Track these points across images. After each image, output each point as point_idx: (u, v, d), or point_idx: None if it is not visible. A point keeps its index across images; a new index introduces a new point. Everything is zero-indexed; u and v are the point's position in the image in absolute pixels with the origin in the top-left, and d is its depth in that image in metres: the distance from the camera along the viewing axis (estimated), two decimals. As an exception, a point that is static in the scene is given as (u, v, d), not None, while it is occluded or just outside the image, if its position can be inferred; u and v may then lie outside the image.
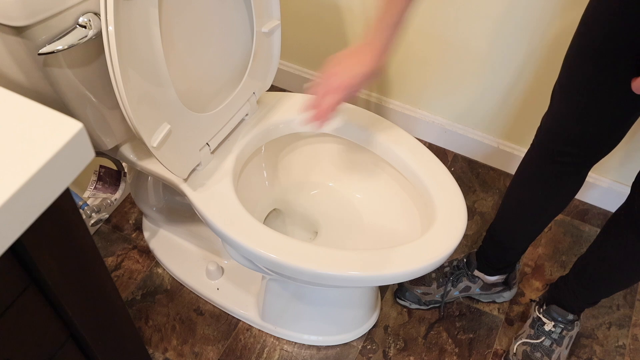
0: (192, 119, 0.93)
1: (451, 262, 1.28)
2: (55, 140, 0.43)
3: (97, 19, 0.77)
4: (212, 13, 0.92)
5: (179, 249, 1.34)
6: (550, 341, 1.17)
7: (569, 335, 1.18)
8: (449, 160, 1.61)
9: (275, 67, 1.10)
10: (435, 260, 0.89)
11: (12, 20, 0.70)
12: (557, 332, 1.16)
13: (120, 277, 1.33)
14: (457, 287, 1.26)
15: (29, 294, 0.51)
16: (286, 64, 1.71)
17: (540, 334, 1.17)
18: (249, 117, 1.08)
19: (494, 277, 1.25)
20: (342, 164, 1.18)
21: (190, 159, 0.96)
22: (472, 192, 1.53)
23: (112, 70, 0.74)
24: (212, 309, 1.29)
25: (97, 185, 1.09)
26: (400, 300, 1.30)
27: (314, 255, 0.89)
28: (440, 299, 1.27)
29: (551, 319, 1.17)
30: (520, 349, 1.18)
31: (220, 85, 1.01)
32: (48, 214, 0.46)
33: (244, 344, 1.24)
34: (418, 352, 1.24)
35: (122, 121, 0.95)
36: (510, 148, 1.52)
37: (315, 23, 1.54)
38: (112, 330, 0.67)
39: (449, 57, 1.41)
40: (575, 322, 1.18)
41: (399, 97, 1.59)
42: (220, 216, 0.93)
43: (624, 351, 1.26)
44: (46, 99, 0.83)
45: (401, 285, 1.29)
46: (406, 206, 1.09)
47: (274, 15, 1.03)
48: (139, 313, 1.27)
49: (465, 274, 1.25)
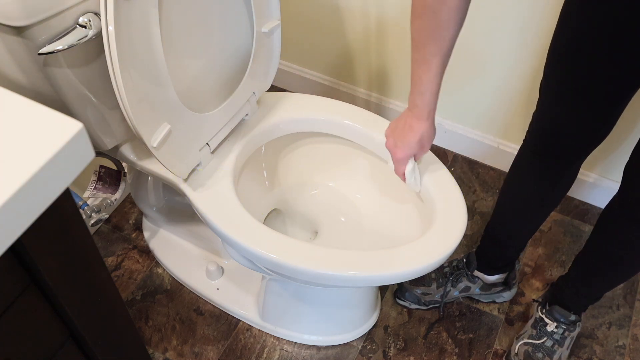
0: (192, 119, 0.93)
1: (451, 262, 1.28)
2: (55, 140, 0.43)
3: (97, 19, 0.77)
4: (212, 13, 0.92)
5: (179, 249, 1.34)
6: (552, 342, 1.17)
7: (571, 335, 1.18)
8: (449, 160, 1.61)
9: (275, 67, 1.10)
10: (435, 260, 0.89)
11: (12, 20, 0.70)
12: (560, 332, 1.16)
13: (120, 277, 1.33)
14: (456, 287, 1.26)
15: (29, 294, 0.51)
16: (286, 64, 1.71)
17: (542, 335, 1.17)
18: (249, 117, 1.08)
19: (493, 276, 1.25)
20: (342, 164, 1.18)
21: (190, 159, 0.96)
22: (472, 192, 1.53)
23: (112, 70, 0.74)
24: (212, 309, 1.29)
25: (97, 185, 1.09)
26: (400, 301, 1.30)
27: (314, 255, 0.89)
28: (440, 299, 1.27)
29: (554, 320, 1.17)
30: (522, 349, 1.18)
31: (220, 85, 1.01)
32: (48, 214, 0.46)
33: (244, 344, 1.24)
34: (418, 352, 1.24)
35: (122, 121, 0.95)
36: (510, 148, 1.52)
37: (316, 23, 1.54)
38: (112, 330, 0.67)
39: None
40: (577, 323, 1.18)
41: (399, 97, 1.59)
42: (220, 216, 0.93)
43: (624, 351, 1.26)
44: (46, 99, 0.83)
45: (401, 286, 1.30)
46: (406, 206, 1.09)
47: (274, 15, 1.03)
48: (139, 313, 1.27)
49: (465, 274, 1.25)
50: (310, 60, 1.66)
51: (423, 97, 0.85)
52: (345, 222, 1.16)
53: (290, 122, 1.10)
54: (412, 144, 0.91)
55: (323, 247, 0.91)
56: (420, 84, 0.84)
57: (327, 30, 1.54)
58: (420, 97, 0.85)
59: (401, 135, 0.91)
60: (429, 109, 0.87)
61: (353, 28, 1.49)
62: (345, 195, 1.18)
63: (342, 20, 1.49)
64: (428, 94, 0.85)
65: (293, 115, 1.10)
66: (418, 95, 0.85)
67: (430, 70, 0.82)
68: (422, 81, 0.83)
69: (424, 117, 0.88)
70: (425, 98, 0.85)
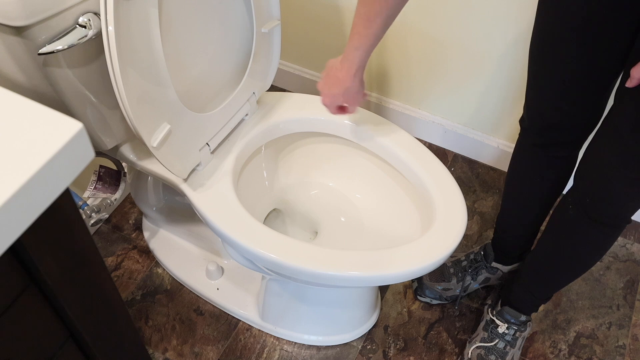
0: (192, 119, 0.93)
1: (467, 255, 1.28)
2: (55, 140, 0.43)
3: (97, 19, 0.77)
4: (212, 13, 0.92)
5: (179, 249, 1.34)
6: (504, 343, 1.16)
7: (522, 336, 1.18)
8: (449, 160, 1.61)
9: (275, 67, 1.10)
10: (435, 260, 0.89)
11: (12, 20, 0.70)
12: (511, 333, 1.16)
13: (120, 277, 1.33)
14: (477, 279, 1.26)
15: (29, 294, 0.51)
16: (286, 64, 1.71)
17: (494, 337, 1.17)
18: (249, 117, 1.08)
19: (511, 266, 1.25)
20: (342, 164, 1.18)
21: (190, 159, 0.96)
22: (472, 192, 1.53)
23: (112, 70, 0.74)
24: (212, 309, 1.29)
25: (97, 185, 1.09)
26: (421, 297, 1.30)
27: (314, 255, 0.89)
28: (461, 292, 1.28)
29: (504, 321, 1.16)
30: (474, 353, 1.18)
31: (220, 85, 1.01)
32: (48, 214, 0.46)
33: (244, 344, 1.24)
34: (418, 352, 1.24)
35: (122, 121, 0.95)
36: (510, 148, 1.52)
37: (315, 23, 1.54)
38: (112, 330, 0.67)
39: (449, 58, 1.41)
40: (528, 323, 1.18)
41: (399, 97, 1.59)
42: (220, 216, 0.93)
43: (624, 351, 1.26)
44: (46, 99, 0.83)
45: (421, 283, 1.29)
46: (406, 206, 1.09)
47: (274, 15, 1.03)
48: (139, 313, 1.27)
49: (484, 266, 1.25)
50: (310, 60, 1.66)
51: (356, 52, 0.86)
52: (345, 222, 1.16)
53: (290, 122, 1.10)
54: (337, 95, 0.93)
55: (323, 247, 0.91)
56: (357, 39, 0.85)
57: (327, 30, 1.54)
58: (353, 52, 0.87)
59: (328, 83, 0.93)
60: (358, 65, 0.88)
61: (353, 28, 1.49)
62: (345, 195, 1.18)
63: (343, 20, 1.49)
64: (361, 51, 0.86)
65: (293, 115, 1.10)
66: (352, 49, 0.87)
67: (370, 28, 0.83)
68: (360, 36, 0.84)
69: (351, 72, 0.89)
70: (357, 54, 0.86)
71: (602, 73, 0.85)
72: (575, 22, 0.80)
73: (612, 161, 0.84)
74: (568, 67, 0.86)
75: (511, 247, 1.23)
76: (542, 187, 1.08)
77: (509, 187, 1.15)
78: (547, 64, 0.88)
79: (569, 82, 0.87)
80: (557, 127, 0.96)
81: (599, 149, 0.87)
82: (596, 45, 0.81)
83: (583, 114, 0.93)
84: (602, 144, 0.86)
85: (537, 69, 0.92)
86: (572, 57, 0.84)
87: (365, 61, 0.88)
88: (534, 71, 0.92)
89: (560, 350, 1.26)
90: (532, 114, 0.99)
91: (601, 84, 0.87)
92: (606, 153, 0.85)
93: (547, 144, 1.00)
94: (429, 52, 1.43)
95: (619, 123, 0.81)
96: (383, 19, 0.82)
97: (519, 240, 1.21)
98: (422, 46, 1.43)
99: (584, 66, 0.84)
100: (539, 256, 1.09)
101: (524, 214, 1.15)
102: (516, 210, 1.16)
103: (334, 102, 0.95)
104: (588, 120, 0.94)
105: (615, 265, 1.39)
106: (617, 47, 0.80)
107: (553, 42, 0.85)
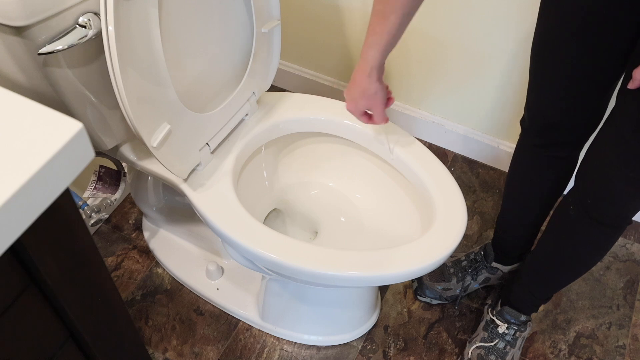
0: (192, 119, 0.93)
1: (468, 255, 1.28)
2: (55, 140, 0.43)
3: (97, 19, 0.77)
4: (212, 13, 0.92)
5: (179, 249, 1.34)
6: (504, 343, 1.16)
7: (522, 336, 1.18)
8: (449, 160, 1.61)
9: (275, 67, 1.10)
10: (435, 260, 0.89)
11: (12, 20, 0.70)
12: (511, 333, 1.16)
13: (120, 277, 1.33)
14: (477, 279, 1.26)
15: (29, 294, 0.51)
16: (286, 64, 1.71)
17: (494, 337, 1.17)
18: (248, 117, 1.08)
19: (511, 266, 1.25)
20: (342, 164, 1.18)
21: (190, 159, 0.96)
22: (472, 192, 1.53)
23: (112, 70, 0.74)
24: (212, 309, 1.29)
25: (97, 185, 1.09)
26: (421, 297, 1.30)
27: (314, 255, 0.89)
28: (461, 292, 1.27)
29: (504, 321, 1.16)
30: (474, 353, 1.18)
31: (220, 85, 1.01)
32: (48, 214, 0.46)
33: (244, 344, 1.24)
34: (418, 352, 1.24)
35: (122, 121, 0.95)
36: (510, 148, 1.52)
37: (315, 23, 1.54)
38: (112, 330, 0.67)
39: (449, 58, 1.41)
40: (528, 323, 1.18)
41: (399, 97, 1.59)
42: (220, 216, 0.93)
43: (624, 351, 1.26)
44: (46, 99, 0.83)
45: (421, 283, 1.29)
46: (406, 206, 1.09)
47: (274, 15, 1.03)
48: (139, 313, 1.27)
49: (484, 266, 1.25)
50: (310, 60, 1.66)
51: (370, 50, 0.84)
52: (345, 222, 1.16)
53: (290, 122, 1.10)
54: (356, 98, 0.91)
55: (323, 247, 0.91)
56: (371, 36, 0.83)
57: (328, 30, 1.54)
58: (368, 49, 0.84)
59: (349, 87, 0.91)
60: (372, 65, 0.86)
61: (353, 28, 1.49)
62: (345, 195, 1.18)
63: (343, 20, 1.49)
64: (375, 50, 0.84)
65: (293, 115, 1.10)
66: (366, 47, 0.85)
67: (385, 25, 0.80)
68: (374, 33, 0.82)
69: (366, 72, 0.87)
70: (371, 53, 0.84)
71: (603, 74, 0.85)
72: (575, 22, 0.80)
73: (613, 161, 0.84)
74: (569, 68, 0.86)
75: (511, 247, 1.23)
76: (543, 187, 1.08)
77: (509, 187, 1.15)
78: (548, 65, 0.89)
79: (570, 83, 0.88)
80: (557, 128, 0.96)
81: (601, 149, 0.87)
82: (597, 46, 0.81)
83: (584, 114, 0.93)
84: (604, 144, 0.86)
85: (538, 70, 0.92)
86: (573, 57, 0.84)
87: (380, 61, 0.86)
88: (535, 71, 0.93)
89: (560, 350, 1.26)
90: (532, 114, 0.99)
91: (602, 84, 0.87)
92: (608, 153, 0.85)
93: (547, 144, 1.00)
94: (429, 52, 1.43)
95: (621, 123, 0.81)
96: (398, 16, 0.79)
97: (519, 241, 1.21)
98: (422, 46, 1.43)
99: (584, 67, 0.84)
100: (539, 256, 1.09)
101: (525, 214, 1.15)
102: (516, 210, 1.16)
103: (357, 107, 0.93)
104: (589, 121, 0.95)
105: (615, 265, 1.39)
106: (618, 48, 0.80)
107: (554, 42, 0.85)
